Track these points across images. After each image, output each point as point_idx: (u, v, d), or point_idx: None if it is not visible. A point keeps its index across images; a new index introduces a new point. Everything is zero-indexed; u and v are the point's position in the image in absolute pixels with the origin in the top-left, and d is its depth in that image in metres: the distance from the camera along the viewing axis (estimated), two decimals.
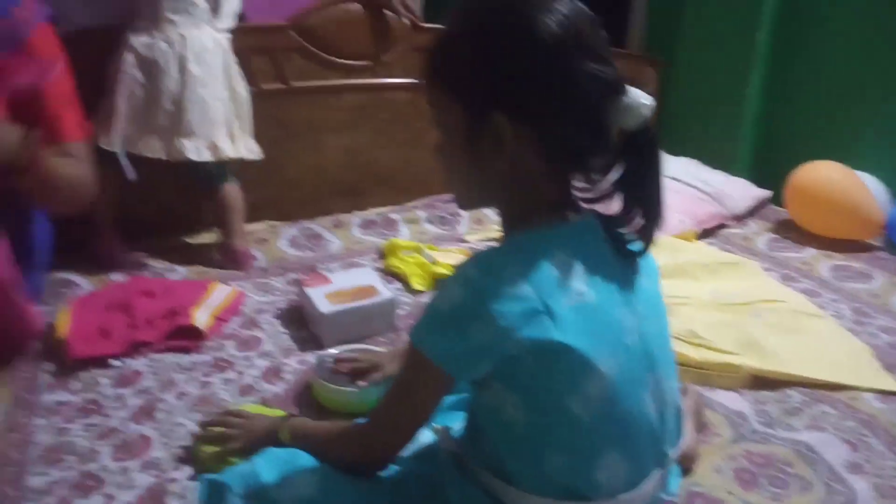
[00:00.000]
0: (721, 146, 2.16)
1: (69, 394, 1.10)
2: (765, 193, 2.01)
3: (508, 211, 0.73)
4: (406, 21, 1.85)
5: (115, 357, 1.18)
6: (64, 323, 1.21)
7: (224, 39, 1.52)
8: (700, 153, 2.13)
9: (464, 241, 1.76)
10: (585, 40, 0.66)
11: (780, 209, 1.97)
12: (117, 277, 1.46)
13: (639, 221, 0.71)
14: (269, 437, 0.87)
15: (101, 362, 1.17)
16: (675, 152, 2.14)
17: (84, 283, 1.42)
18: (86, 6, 1.39)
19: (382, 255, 1.65)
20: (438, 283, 0.72)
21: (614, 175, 0.69)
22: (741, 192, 1.96)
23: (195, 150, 1.45)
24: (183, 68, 1.43)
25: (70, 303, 1.29)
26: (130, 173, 1.40)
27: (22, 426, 1.03)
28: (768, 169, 2.09)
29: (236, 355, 1.23)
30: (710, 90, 2.19)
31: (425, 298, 1.46)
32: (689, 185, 1.94)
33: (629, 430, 0.70)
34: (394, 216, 1.86)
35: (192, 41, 1.44)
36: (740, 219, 1.93)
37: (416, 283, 1.49)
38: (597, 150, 0.68)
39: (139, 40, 1.42)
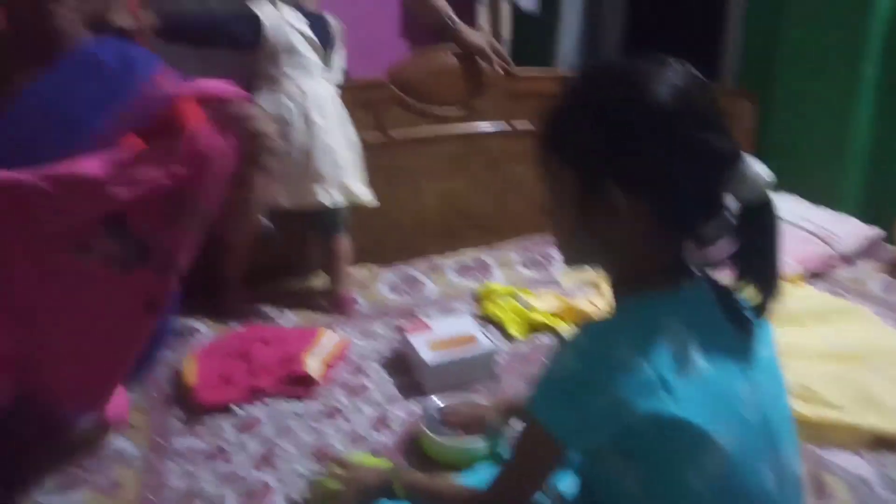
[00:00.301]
0: (826, 182, 2.07)
1: (196, 439, 1.19)
2: (876, 232, 1.90)
3: (618, 274, 0.74)
4: (499, 68, 1.90)
5: (237, 403, 1.27)
6: (190, 370, 1.30)
7: (336, 91, 1.61)
8: (803, 190, 2.06)
9: (558, 284, 1.77)
10: (700, 111, 0.67)
11: (894, 248, 1.87)
12: (235, 324, 1.56)
13: (753, 290, 0.71)
14: (382, 490, 0.91)
15: (224, 408, 1.26)
16: (776, 189, 2.07)
17: (206, 330, 1.53)
18: (206, 71, 1.50)
19: (478, 299, 1.69)
20: (551, 353, 0.73)
21: (729, 244, 0.70)
22: (850, 230, 1.88)
23: (327, 196, 1.54)
24: (307, 119, 1.52)
25: (195, 351, 1.39)
26: (268, 226, 1.48)
27: (156, 470, 1.12)
28: (879, 206, 1.99)
29: (345, 403, 1.29)
30: (812, 123, 2.12)
31: (523, 347, 1.48)
32: (793, 224, 1.88)
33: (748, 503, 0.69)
34: (488, 260, 1.90)
35: (311, 94, 1.53)
36: (850, 260, 1.84)
37: (514, 331, 1.51)
38: (711, 218, 0.69)
39: (264, 98, 1.52)
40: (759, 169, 0.67)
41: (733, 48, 2.39)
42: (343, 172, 1.55)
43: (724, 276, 0.72)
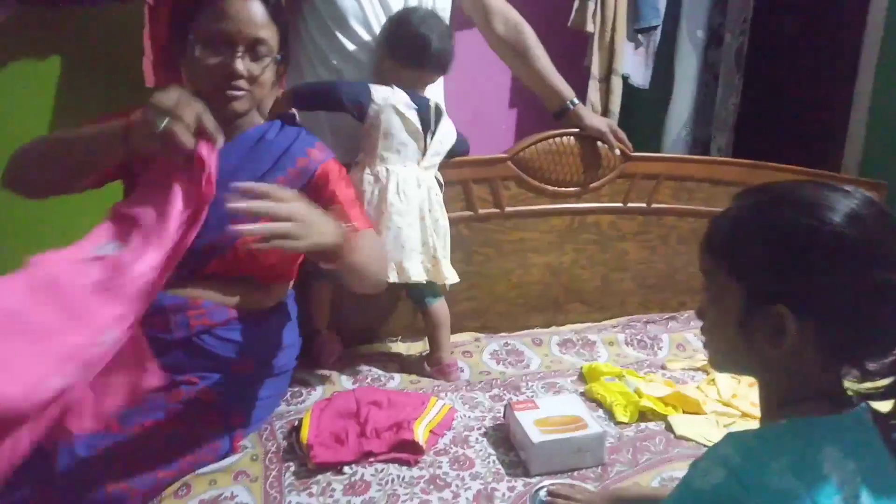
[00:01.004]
0: None
1: (308, 496, 1.24)
2: None
3: (772, 392, 0.74)
4: (618, 151, 1.93)
5: (348, 464, 1.31)
6: (306, 427, 1.37)
7: (428, 176, 1.65)
8: None
9: (665, 368, 1.75)
10: (881, 247, 0.67)
11: None
12: (347, 384, 1.62)
13: None
14: None
15: (335, 468, 1.30)
16: None
17: (320, 387, 1.59)
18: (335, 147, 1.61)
19: (582, 377, 1.68)
20: (692, 463, 0.72)
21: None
22: None
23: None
24: (383, 199, 1.57)
25: (310, 407, 1.45)
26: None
27: None
28: None
29: (450, 474, 1.31)
30: None
31: (630, 432, 1.46)
32: None
33: None
34: (592, 337, 1.89)
35: (395, 175, 1.58)
36: None
37: (621, 415, 1.49)
38: (880, 352, 0.68)
39: (352, 172, 1.59)
40: None
41: (857, 138, 2.31)
42: (403, 253, 1.59)
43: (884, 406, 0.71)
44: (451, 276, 1.67)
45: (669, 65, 2.85)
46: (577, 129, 1.90)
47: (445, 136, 1.68)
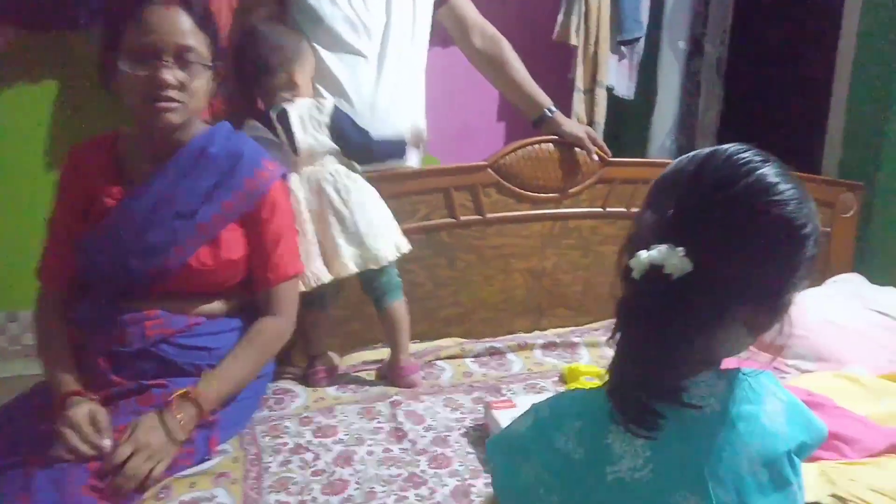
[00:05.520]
0: None
1: (287, 495, 1.25)
2: None
3: None
4: (596, 157, 1.96)
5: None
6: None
7: (314, 172, 1.58)
8: None
9: None
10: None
11: None
12: (330, 391, 1.62)
13: None
14: None
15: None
16: (881, 281, 2.00)
17: (303, 394, 1.60)
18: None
19: (563, 378, 1.70)
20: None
21: None
22: None
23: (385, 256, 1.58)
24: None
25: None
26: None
27: None
28: None
29: (428, 472, 1.33)
30: None
31: None
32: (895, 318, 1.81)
33: None
34: (575, 339, 1.91)
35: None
36: None
37: None
38: None
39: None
40: None
41: (836, 140, 2.35)
42: (311, 258, 1.55)
43: None
44: (387, 252, 1.59)
45: (653, 76, 2.91)
46: (555, 137, 1.94)
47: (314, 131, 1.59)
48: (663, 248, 0.64)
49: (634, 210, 2.00)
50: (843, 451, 1.29)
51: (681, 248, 0.63)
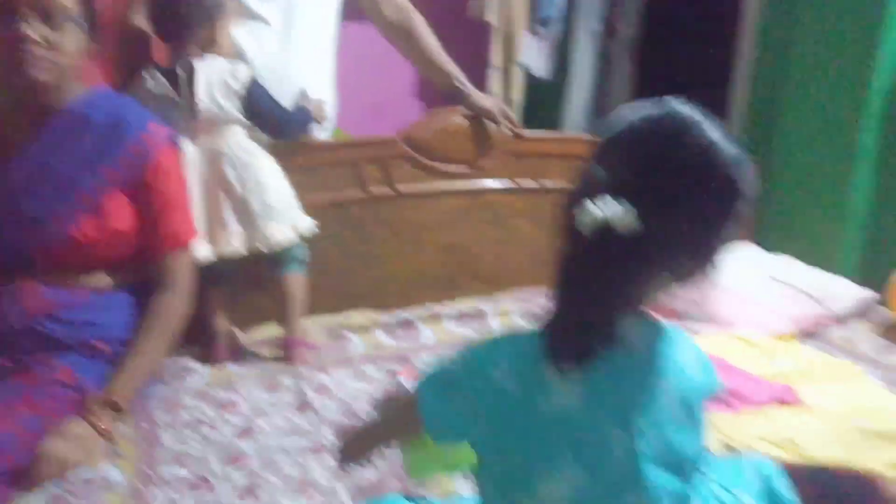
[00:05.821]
0: (822, 245, 2.11)
1: (180, 467, 1.22)
2: (870, 294, 1.91)
3: None
4: (506, 129, 1.98)
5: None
6: None
7: (214, 142, 1.53)
8: (800, 252, 2.09)
9: None
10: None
11: (889, 311, 1.87)
12: (233, 368, 1.57)
13: None
14: None
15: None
16: (774, 250, 2.11)
17: (202, 371, 1.54)
18: None
19: None
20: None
21: None
22: (844, 292, 1.89)
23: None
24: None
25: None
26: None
27: (142, 497, 1.15)
28: (875, 270, 2.01)
29: (332, 440, 1.31)
30: (810, 188, 2.17)
31: None
32: (787, 284, 1.90)
33: None
34: (486, 309, 1.93)
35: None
36: (843, 320, 1.85)
37: None
38: None
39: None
40: None
41: (738, 115, 2.46)
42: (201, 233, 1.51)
43: None
44: (280, 236, 1.56)
45: (570, 56, 2.95)
46: (467, 110, 1.94)
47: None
48: (616, 207, 0.66)
49: (547, 184, 2.06)
50: (732, 403, 1.35)
51: (633, 209, 0.66)
